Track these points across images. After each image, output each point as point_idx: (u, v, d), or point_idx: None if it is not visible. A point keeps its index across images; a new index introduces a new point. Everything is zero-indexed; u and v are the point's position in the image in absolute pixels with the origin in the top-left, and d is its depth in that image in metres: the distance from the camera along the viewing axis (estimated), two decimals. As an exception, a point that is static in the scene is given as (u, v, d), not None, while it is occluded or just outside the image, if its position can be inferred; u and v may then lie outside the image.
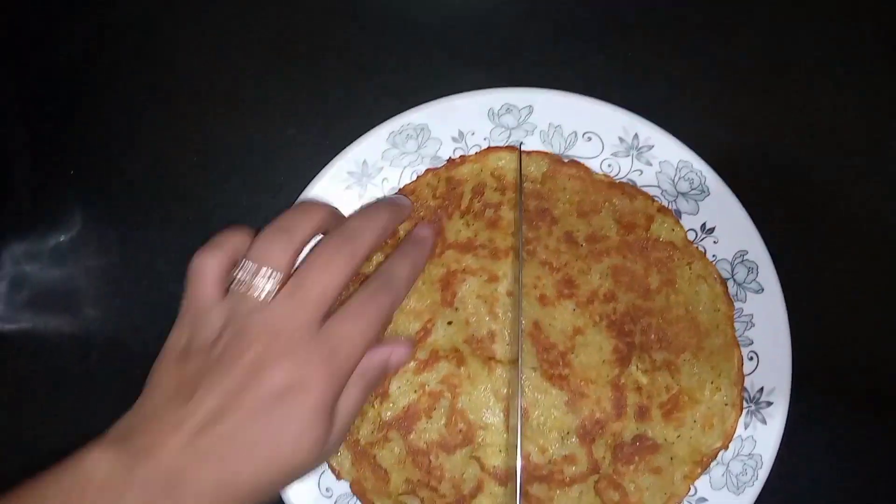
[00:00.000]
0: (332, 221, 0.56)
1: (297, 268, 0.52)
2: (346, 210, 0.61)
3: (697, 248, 0.61)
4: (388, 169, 0.61)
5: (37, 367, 0.65)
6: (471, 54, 0.66)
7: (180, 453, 0.45)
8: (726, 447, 0.60)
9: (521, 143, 0.62)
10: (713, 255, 0.61)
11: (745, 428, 0.60)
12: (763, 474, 0.60)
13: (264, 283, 0.50)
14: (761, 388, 0.60)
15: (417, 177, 0.62)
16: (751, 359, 0.61)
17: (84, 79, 0.67)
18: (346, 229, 0.54)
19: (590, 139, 0.61)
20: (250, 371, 0.47)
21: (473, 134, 0.62)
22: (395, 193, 0.61)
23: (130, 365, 0.63)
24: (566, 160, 0.62)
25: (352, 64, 0.66)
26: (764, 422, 0.60)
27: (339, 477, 0.60)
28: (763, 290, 0.60)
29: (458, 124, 0.61)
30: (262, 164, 0.66)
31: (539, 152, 0.62)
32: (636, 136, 0.61)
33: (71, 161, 0.66)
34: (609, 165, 0.62)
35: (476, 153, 0.62)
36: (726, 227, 0.61)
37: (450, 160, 0.62)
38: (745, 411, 0.60)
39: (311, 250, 0.52)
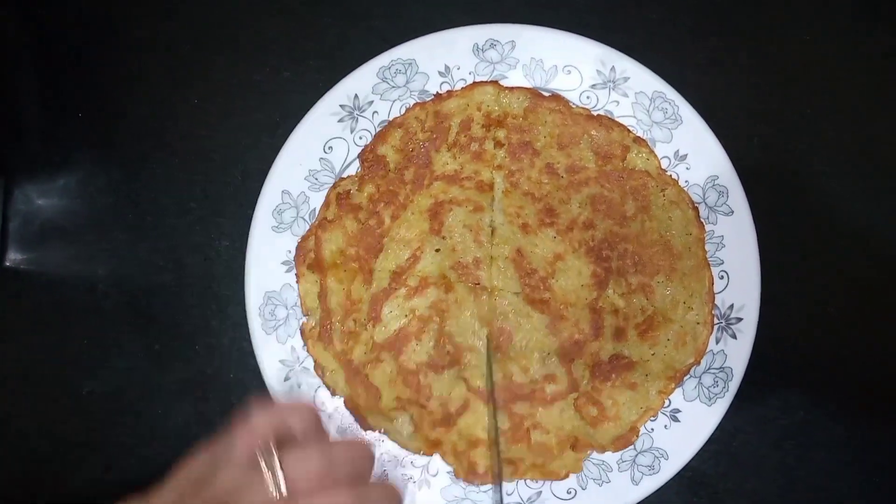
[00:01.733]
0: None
1: None
2: (340, 149, 0.64)
3: (671, 175, 0.64)
4: (378, 102, 0.64)
5: (47, 298, 0.68)
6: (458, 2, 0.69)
7: None
8: (699, 362, 0.64)
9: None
10: (686, 181, 0.65)
11: (717, 343, 0.64)
12: (733, 386, 0.63)
13: (274, 491, 0.51)
14: (731, 305, 0.64)
15: (406, 110, 0.65)
16: (721, 277, 0.64)
17: (90, 27, 0.70)
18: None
19: (569, 72, 0.64)
20: None
21: (459, 68, 0.65)
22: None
23: (135, 297, 0.68)
24: (546, 94, 0.65)
25: (345, 10, 0.69)
26: (734, 336, 0.64)
27: (333, 394, 0.64)
28: (733, 212, 0.64)
29: (445, 59, 0.64)
30: (260, 105, 0.69)
31: (520, 88, 0.65)
32: (613, 68, 0.64)
33: (79, 104, 0.69)
34: (588, 97, 0.65)
35: (462, 88, 0.65)
36: (698, 154, 0.64)
37: (437, 95, 0.65)
38: (716, 327, 0.64)
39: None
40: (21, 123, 0.69)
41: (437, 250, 0.64)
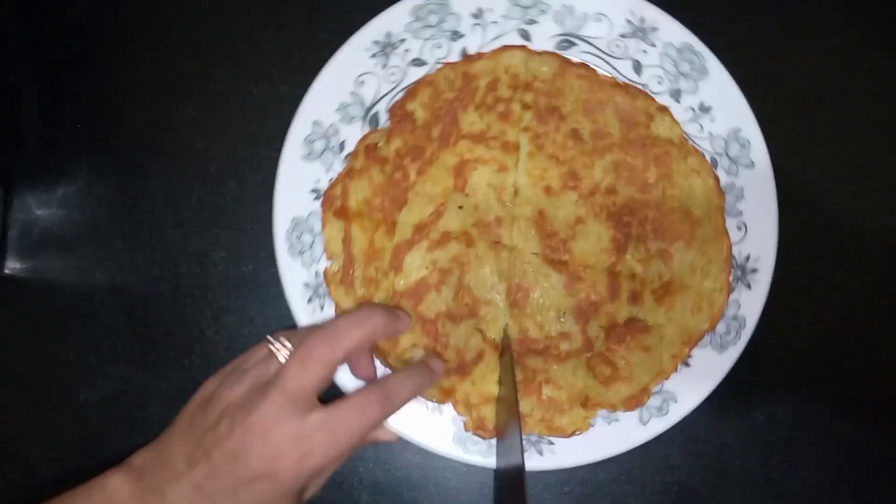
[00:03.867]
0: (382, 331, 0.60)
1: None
2: (371, 84, 0.66)
3: (693, 145, 0.66)
4: (410, 40, 0.65)
5: (45, 307, 0.70)
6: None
7: (180, 499, 0.53)
8: (714, 328, 0.65)
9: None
10: (709, 133, 0.66)
11: (732, 292, 0.65)
12: (746, 335, 0.64)
13: (282, 356, 0.57)
14: (748, 256, 0.65)
15: (436, 70, 0.66)
16: (739, 229, 0.65)
17: (91, 36, 0.71)
18: (330, 329, 0.56)
19: (600, 20, 0.66)
20: (232, 455, 0.53)
21: (492, 11, 0.66)
22: (399, 309, 0.64)
23: (132, 305, 0.70)
24: (575, 61, 0.66)
25: (343, 25, 0.69)
26: (749, 287, 0.65)
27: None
28: (754, 164, 0.65)
29: (478, 1, 0.65)
30: (257, 117, 0.70)
31: (549, 53, 0.66)
32: (643, 18, 0.65)
33: (78, 114, 0.71)
34: (617, 46, 0.66)
35: (492, 51, 0.66)
36: (723, 107, 0.65)
37: (466, 56, 0.66)
38: (731, 276, 0.65)
39: (298, 347, 0.56)
40: (21, 133, 0.71)
41: (460, 207, 0.65)
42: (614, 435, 0.65)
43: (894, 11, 0.71)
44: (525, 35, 0.66)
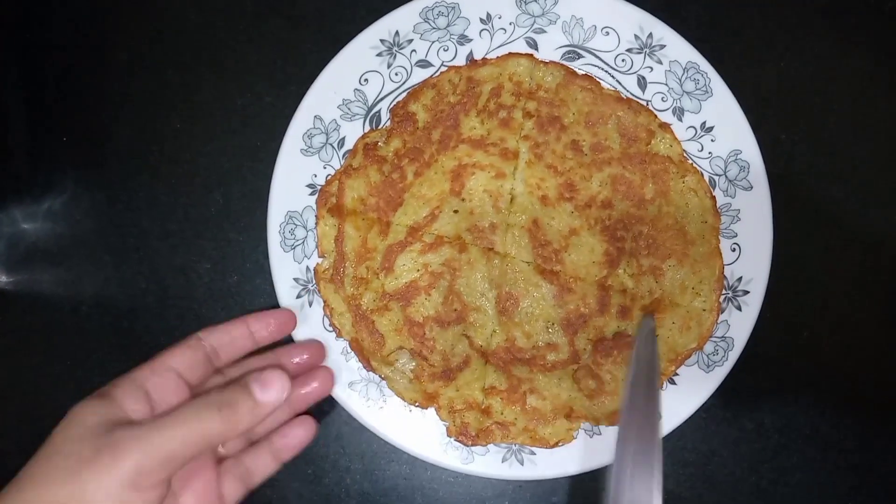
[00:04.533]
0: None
1: None
2: (375, 83, 0.66)
3: (692, 164, 0.66)
4: (417, 41, 0.65)
5: (32, 319, 0.70)
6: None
7: None
8: (701, 348, 0.65)
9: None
10: (709, 153, 0.66)
11: (722, 313, 0.65)
12: (733, 356, 0.64)
13: None
14: (740, 278, 0.65)
15: (441, 73, 0.66)
16: (733, 250, 0.65)
17: (77, 50, 0.71)
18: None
19: (608, 34, 0.65)
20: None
21: (500, 17, 0.65)
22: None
23: (119, 317, 0.70)
24: (580, 73, 0.66)
25: (326, 36, 0.69)
26: (739, 308, 0.65)
27: (338, 335, 0.65)
28: (752, 187, 0.65)
29: (488, 6, 0.65)
30: (242, 129, 0.70)
31: (555, 63, 0.66)
32: (650, 34, 0.65)
33: (65, 128, 0.70)
34: (623, 60, 0.66)
35: (497, 57, 0.66)
36: (725, 128, 0.65)
37: (472, 61, 0.66)
38: (722, 297, 0.65)
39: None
40: (7, 146, 0.70)
41: (456, 211, 0.65)
42: (596, 448, 0.65)
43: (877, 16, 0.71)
44: (532, 44, 0.66)
